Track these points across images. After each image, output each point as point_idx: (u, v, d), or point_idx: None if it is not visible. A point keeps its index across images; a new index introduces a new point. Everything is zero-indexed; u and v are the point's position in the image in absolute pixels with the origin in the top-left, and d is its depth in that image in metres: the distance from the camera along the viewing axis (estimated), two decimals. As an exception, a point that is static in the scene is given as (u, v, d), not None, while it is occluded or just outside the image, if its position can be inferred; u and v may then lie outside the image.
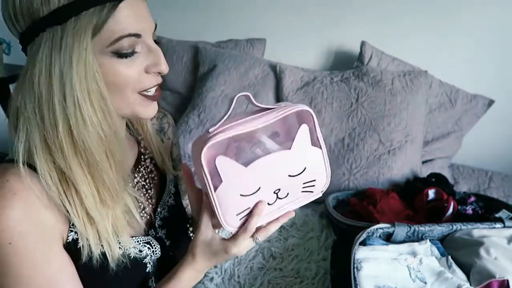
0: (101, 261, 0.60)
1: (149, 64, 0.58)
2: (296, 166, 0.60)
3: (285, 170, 0.59)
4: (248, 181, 0.57)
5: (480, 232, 1.04)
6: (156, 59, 0.58)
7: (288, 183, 0.60)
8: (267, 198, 0.60)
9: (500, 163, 1.78)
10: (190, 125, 1.71)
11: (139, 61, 0.57)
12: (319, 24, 1.86)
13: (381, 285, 0.89)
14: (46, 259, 0.56)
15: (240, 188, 0.57)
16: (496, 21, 1.63)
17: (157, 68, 0.58)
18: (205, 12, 2.04)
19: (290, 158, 0.58)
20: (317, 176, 0.63)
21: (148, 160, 0.75)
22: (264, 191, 0.59)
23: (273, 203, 0.61)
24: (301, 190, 0.62)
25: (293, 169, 0.59)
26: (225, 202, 0.57)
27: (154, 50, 0.58)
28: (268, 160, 0.56)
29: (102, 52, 0.53)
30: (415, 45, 1.75)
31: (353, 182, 1.49)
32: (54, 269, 0.56)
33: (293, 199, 0.63)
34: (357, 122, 1.56)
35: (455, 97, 1.67)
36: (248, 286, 1.09)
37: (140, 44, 0.56)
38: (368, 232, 1.00)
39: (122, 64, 0.55)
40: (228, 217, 0.59)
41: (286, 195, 0.61)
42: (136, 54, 0.56)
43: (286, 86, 1.68)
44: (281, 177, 0.59)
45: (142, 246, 0.67)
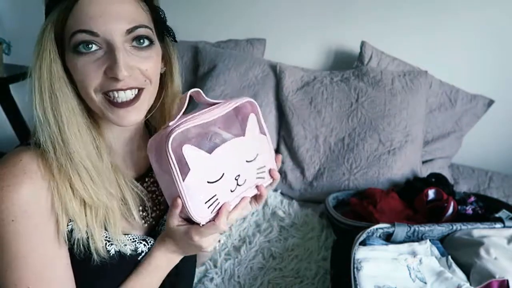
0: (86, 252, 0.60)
1: (107, 65, 0.57)
2: (251, 152, 0.65)
3: (242, 156, 0.64)
4: (213, 167, 0.60)
5: (480, 232, 1.04)
6: (111, 62, 0.56)
7: (245, 169, 0.64)
8: (229, 184, 0.62)
9: (500, 163, 1.78)
10: (190, 125, 1.71)
11: (98, 61, 0.56)
12: (319, 24, 1.86)
13: (381, 285, 0.89)
14: (43, 242, 0.57)
15: (206, 175, 0.59)
16: (496, 21, 1.63)
17: (112, 72, 0.56)
18: (205, 12, 2.04)
19: (245, 144, 0.64)
20: (267, 163, 0.69)
21: None
22: (227, 177, 0.62)
23: (234, 190, 0.63)
24: (256, 176, 0.67)
25: (249, 154, 0.65)
26: (193, 190, 0.58)
27: (114, 52, 0.56)
28: (228, 146, 0.61)
29: (68, 50, 0.57)
30: (415, 45, 1.75)
31: (353, 182, 1.49)
32: (49, 254, 0.57)
33: (249, 185, 0.66)
34: (357, 122, 1.56)
35: (455, 97, 1.67)
36: (248, 286, 1.09)
37: (99, 44, 0.56)
38: (368, 232, 1.00)
39: (80, 61, 0.56)
40: (197, 207, 0.59)
41: (244, 181, 0.64)
42: (92, 52, 0.56)
43: (286, 86, 1.68)
44: (240, 163, 0.63)
45: (138, 243, 0.67)
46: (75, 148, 0.58)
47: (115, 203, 0.62)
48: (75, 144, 0.58)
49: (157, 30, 0.64)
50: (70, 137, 0.57)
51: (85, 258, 0.60)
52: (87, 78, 0.57)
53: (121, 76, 0.55)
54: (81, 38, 0.55)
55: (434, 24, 1.70)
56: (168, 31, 0.66)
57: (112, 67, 0.55)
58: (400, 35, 1.76)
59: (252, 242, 1.24)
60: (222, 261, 1.17)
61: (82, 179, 0.58)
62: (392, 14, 1.74)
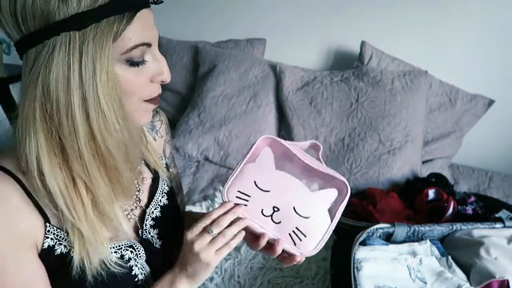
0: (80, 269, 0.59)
1: (154, 73, 0.58)
2: (305, 208, 0.63)
3: (296, 200, 0.63)
4: (268, 179, 0.64)
5: (480, 232, 1.04)
6: (160, 68, 0.58)
7: (287, 213, 0.63)
8: (266, 206, 0.64)
9: (500, 163, 1.78)
10: (190, 125, 1.71)
11: (146, 70, 0.57)
12: (319, 24, 1.86)
13: (381, 285, 0.89)
14: (17, 265, 0.55)
15: (259, 178, 0.64)
16: (496, 21, 1.63)
17: (161, 77, 0.59)
18: (205, 12, 2.04)
19: (307, 197, 0.64)
20: (310, 237, 0.64)
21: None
22: (269, 198, 0.63)
23: (267, 217, 0.64)
24: (289, 231, 0.64)
25: (302, 207, 0.63)
26: (242, 176, 0.65)
27: (159, 59, 0.58)
28: (293, 180, 0.64)
29: (116, 60, 0.54)
30: (415, 45, 1.75)
31: (353, 182, 1.49)
32: (24, 276, 0.56)
33: (278, 232, 0.64)
34: (357, 122, 1.56)
35: (455, 97, 1.67)
36: (248, 286, 1.09)
37: (148, 53, 0.57)
38: (368, 232, 1.00)
39: (132, 72, 0.55)
40: (232, 188, 0.65)
41: (278, 222, 0.64)
42: (145, 62, 0.57)
43: (286, 86, 1.68)
44: (288, 202, 0.63)
45: (124, 251, 0.66)
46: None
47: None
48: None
49: None
50: (118, 164, 0.58)
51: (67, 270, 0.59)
52: (137, 88, 0.57)
53: (169, 79, 0.60)
54: (142, 51, 0.55)
55: (434, 24, 1.70)
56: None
57: (161, 72, 0.59)
58: (400, 35, 1.76)
59: (252, 242, 1.24)
60: (222, 261, 1.16)
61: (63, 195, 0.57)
62: (392, 14, 1.74)
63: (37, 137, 0.53)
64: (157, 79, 0.59)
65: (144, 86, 0.58)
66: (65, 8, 0.48)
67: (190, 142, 1.68)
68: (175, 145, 1.70)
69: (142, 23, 0.54)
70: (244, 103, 1.71)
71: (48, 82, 0.50)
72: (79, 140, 0.53)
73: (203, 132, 1.68)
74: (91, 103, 0.51)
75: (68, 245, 0.59)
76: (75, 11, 0.49)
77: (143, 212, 0.73)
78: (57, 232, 0.59)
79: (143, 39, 0.54)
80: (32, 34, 0.50)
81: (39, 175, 0.54)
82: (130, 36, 0.53)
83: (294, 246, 0.64)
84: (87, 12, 0.49)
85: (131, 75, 0.55)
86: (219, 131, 1.67)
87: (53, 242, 0.58)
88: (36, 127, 0.53)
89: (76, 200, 0.56)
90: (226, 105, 1.71)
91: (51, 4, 0.48)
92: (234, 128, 1.67)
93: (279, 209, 0.63)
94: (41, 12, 0.49)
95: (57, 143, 0.54)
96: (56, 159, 0.54)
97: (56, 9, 0.48)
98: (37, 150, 0.53)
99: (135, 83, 0.56)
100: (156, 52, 0.58)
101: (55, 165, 0.54)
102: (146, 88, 0.58)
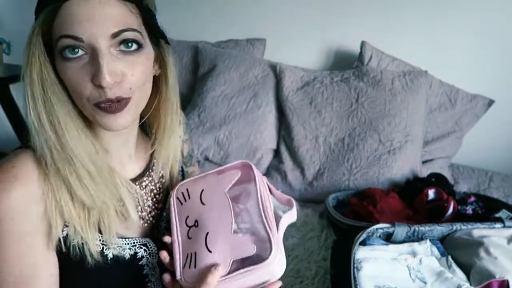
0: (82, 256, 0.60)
1: (92, 72, 0.54)
2: (215, 243, 0.58)
3: (214, 229, 0.59)
4: (212, 195, 0.63)
5: (480, 232, 1.04)
6: (95, 69, 0.53)
7: (200, 234, 0.60)
8: (192, 216, 0.62)
9: (500, 163, 1.78)
10: (190, 125, 1.71)
11: (84, 67, 0.54)
12: (319, 24, 1.86)
13: (381, 285, 0.89)
14: (27, 250, 0.56)
15: (207, 190, 0.64)
16: (496, 21, 1.63)
17: (96, 80, 0.53)
18: (205, 12, 2.04)
19: (224, 235, 0.58)
20: (197, 271, 0.57)
21: (160, 165, 0.74)
22: (200, 211, 0.62)
23: (187, 226, 0.62)
24: (189, 252, 0.59)
25: (213, 239, 0.58)
26: (199, 181, 0.67)
27: (97, 59, 0.53)
28: (228, 212, 0.59)
29: (57, 55, 0.55)
30: (415, 45, 1.75)
31: (353, 182, 1.49)
32: (35, 263, 0.57)
33: (182, 245, 0.61)
34: (357, 122, 1.56)
35: (455, 97, 1.67)
36: (248, 286, 1.09)
37: (85, 49, 0.54)
38: (368, 232, 1.00)
39: (68, 67, 0.55)
40: (187, 185, 0.67)
41: (190, 237, 0.61)
42: (78, 58, 0.54)
43: (286, 86, 1.68)
44: (208, 225, 0.60)
45: (138, 248, 0.66)
46: (75, 151, 0.57)
47: (111, 205, 0.62)
48: (75, 148, 0.57)
49: (149, 33, 0.61)
50: (69, 141, 0.56)
51: (81, 262, 0.60)
52: (77, 87, 0.55)
53: (105, 84, 0.53)
54: (66, 43, 0.53)
55: (434, 24, 1.70)
56: (160, 33, 0.62)
57: (96, 74, 0.53)
58: (400, 35, 1.76)
59: (252, 242, 1.24)
60: (222, 261, 1.16)
61: (82, 182, 0.58)
62: (392, 14, 1.74)
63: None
64: (94, 81, 0.54)
65: (84, 86, 0.55)
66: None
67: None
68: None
69: (67, 15, 0.53)
70: (244, 103, 1.71)
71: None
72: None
73: (203, 132, 1.68)
74: (25, 98, 0.56)
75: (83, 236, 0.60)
76: (35, 7, 0.56)
77: (159, 214, 0.73)
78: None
79: (65, 31, 0.53)
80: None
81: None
82: (57, 28, 0.54)
83: (181, 267, 0.59)
84: (38, 4, 0.56)
85: (68, 70, 0.55)
86: (219, 131, 1.67)
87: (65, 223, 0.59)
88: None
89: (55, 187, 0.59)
90: (226, 105, 1.71)
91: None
92: (234, 128, 1.67)
93: (198, 226, 0.60)
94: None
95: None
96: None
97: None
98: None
99: (71, 79, 0.55)
100: (98, 50, 0.53)
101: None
102: (86, 89, 0.55)
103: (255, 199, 0.61)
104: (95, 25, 0.53)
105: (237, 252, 0.55)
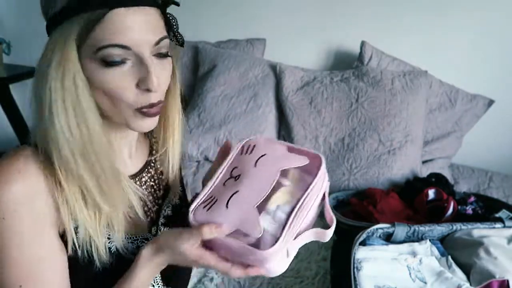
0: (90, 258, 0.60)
1: (139, 78, 0.56)
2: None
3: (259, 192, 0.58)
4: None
5: (480, 232, 1.04)
6: (143, 74, 0.56)
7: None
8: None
9: (500, 163, 1.78)
10: (190, 125, 1.71)
11: (129, 73, 0.56)
12: (319, 24, 1.86)
13: (381, 285, 0.89)
14: (35, 242, 0.56)
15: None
16: (496, 21, 1.63)
17: (145, 85, 0.56)
18: (205, 12, 2.04)
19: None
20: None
21: (159, 162, 0.76)
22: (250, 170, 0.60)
23: (231, 178, 0.60)
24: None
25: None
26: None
27: (145, 65, 0.55)
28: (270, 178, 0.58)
29: (91, 58, 0.54)
30: (415, 45, 1.75)
31: (353, 182, 1.49)
32: (41, 254, 0.57)
33: (220, 189, 0.60)
34: (357, 122, 1.56)
35: (455, 97, 1.67)
36: (248, 286, 1.09)
37: (131, 56, 0.55)
38: (368, 232, 1.00)
39: (109, 73, 0.55)
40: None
41: (236, 176, 0.60)
42: (124, 65, 0.55)
43: (286, 86, 1.68)
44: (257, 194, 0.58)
45: (140, 242, 0.67)
46: (100, 158, 0.57)
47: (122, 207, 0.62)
48: (100, 154, 0.57)
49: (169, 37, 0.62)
50: (98, 149, 0.57)
51: (88, 264, 0.60)
52: (118, 93, 0.56)
53: (154, 88, 0.56)
54: (114, 52, 0.54)
55: (434, 24, 1.70)
56: (180, 38, 0.64)
57: (145, 79, 0.56)
58: (400, 35, 1.76)
59: (252, 242, 1.24)
60: (222, 261, 1.16)
61: (102, 187, 0.58)
62: (392, 14, 1.74)
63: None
64: (141, 86, 0.56)
65: (129, 91, 0.56)
66: (52, 7, 0.54)
67: (190, 142, 1.68)
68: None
69: (116, 23, 0.53)
70: (244, 103, 1.71)
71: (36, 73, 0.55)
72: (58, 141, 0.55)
73: (203, 132, 1.68)
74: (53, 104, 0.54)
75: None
76: (55, 10, 0.53)
77: (159, 210, 0.74)
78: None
79: (114, 40, 0.53)
80: (47, 27, 0.56)
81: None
82: (102, 35, 0.53)
83: (199, 203, 0.58)
84: (62, 10, 0.53)
85: (108, 76, 0.55)
86: (219, 131, 1.67)
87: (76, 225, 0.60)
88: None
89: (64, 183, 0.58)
90: (226, 105, 1.71)
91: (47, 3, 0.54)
92: (234, 128, 1.67)
93: (236, 180, 0.59)
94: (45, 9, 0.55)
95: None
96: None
97: (49, 8, 0.54)
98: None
99: (113, 83, 0.55)
100: (144, 57, 0.55)
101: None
102: (131, 94, 0.56)
103: (300, 194, 0.60)
104: (140, 33, 0.54)
105: (246, 225, 0.55)
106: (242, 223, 0.54)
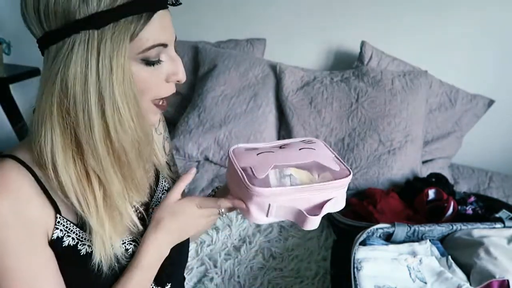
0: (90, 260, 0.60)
1: (169, 73, 0.60)
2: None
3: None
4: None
5: (480, 232, 1.04)
6: (176, 68, 0.60)
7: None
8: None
9: (500, 163, 1.78)
10: (190, 125, 1.71)
11: (162, 70, 0.59)
12: (319, 24, 1.86)
13: (381, 285, 0.89)
14: (29, 253, 0.56)
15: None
16: (496, 21, 1.63)
17: (176, 77, 0.61)
18: (205, 12, 2.04)
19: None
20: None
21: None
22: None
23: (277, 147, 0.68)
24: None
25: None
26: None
27: (175, 59, 0.60)
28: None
29: (132, 59, 0.55)
30: (415, 45, 1.75)
31: (353, 182, 1.49)
32: (37, 263, 0.57)
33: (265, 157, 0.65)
34: (357, 122, 1.57)
35: (455, 97, 1.67)
36: (248, 286, 1.09)
37: (164, 54, 0.59)
38: (368, 232, 1.00)
39: (148, 72, 0.57)
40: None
41: (283, 146, 0.68)
42: (161, 62, 0.58)
43: (286, 86, 1.68)
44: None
45: (128, 245, 0.67)
46: (147, 148, 0.62)
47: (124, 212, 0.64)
48: (134, 164, 0.60)
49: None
50: (132, 161, 0.59)
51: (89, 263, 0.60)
52: (152, 87, 0.59)
53: (184, 79, 0.62)
54: (159, 51, 0.57)
55: (434, 23, 1.70)
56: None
57: (177, 72, 0.60)
58: (400, 35, 1.76)
59: (252, 242, 1.24)
60: (222, 261, 1.17)
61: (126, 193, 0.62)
62: (392, 14, 1.74)
63: (52, 131, 0.55)
64: (172, 79, 0.61)
65: (159, 85, 0.60)
66: (85, 7, 0.51)
67: (190, 142, 1.68)
68: (175, 145, 1.70)
69: (159, 24, 0.56)
70: (244, 103, 1.71)
71: (66, 78, 0.52)
72: (94, 136, 0.54)
73: (203, 132, 1.69)
74: (107, 100, 0.53)
75: (76, 237, 0.60)
76: (95, 10, 0.51)
77: (146, 209, 0.74)
78: (67, 224, 0.60)
79: (159, 39, 0.56)
80: (53, 31, 0.53)
81: (52, 168, 0.55)
82: (147, 36, 0.55)
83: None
84: (106, 12, 0.51)
85: (146, 74, 0.57)
86: (219, 131, 1.67)
87: (62, 233, 0.60)
88: (53, 121, 0.54)
89: (88, 194, 0.58)
90: (226, 105, 1.71)
91: (72, 3, 0.50)
92: (234, 128, 1.67)
93: (283, 148, 0.66)
94: (63, 10, 0.51)
95: (72, 137, 0.55)
96: (70, 153, 0.56)
97: (77, 8, 0.51)
98: (51, 143, 0.55)
99: (150, 82, 0.58)
100: (172, 53, 0.60)
101: (69, 159, 0.56)
102: (161, 88, 0.60)
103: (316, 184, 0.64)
104: (172, 31, 0.59)
105: (256, 168, 0.62)
106: (255, 166, 0.62)
